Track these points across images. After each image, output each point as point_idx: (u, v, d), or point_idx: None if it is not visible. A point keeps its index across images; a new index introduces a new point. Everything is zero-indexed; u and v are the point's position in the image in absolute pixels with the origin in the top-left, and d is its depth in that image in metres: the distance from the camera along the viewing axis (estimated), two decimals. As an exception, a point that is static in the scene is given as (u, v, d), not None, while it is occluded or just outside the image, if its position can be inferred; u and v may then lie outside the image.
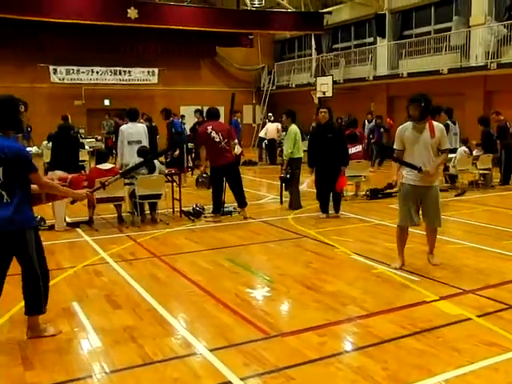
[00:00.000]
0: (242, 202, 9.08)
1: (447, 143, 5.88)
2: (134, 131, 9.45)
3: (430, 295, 5.05)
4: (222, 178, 8.91)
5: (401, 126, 5.88)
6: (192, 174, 13.89)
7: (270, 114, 22.11)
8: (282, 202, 10.15)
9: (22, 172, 3.83)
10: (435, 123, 5.79)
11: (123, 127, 9.76)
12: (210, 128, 8.76)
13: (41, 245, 4.13)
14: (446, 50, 19.09)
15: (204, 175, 9.23)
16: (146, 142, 9.47)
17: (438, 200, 5.92)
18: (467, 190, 11.58)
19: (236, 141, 9.23)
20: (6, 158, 3.76)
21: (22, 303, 4.94)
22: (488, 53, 17.46)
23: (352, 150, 10.88)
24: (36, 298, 4.06)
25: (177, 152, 12.32)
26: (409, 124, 5.80)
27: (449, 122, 12.42)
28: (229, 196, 9.08)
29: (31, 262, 3.99)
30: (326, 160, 8.79)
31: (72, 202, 4.28)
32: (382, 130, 17.20)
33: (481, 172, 11.96)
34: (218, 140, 8.66)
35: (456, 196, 10.98)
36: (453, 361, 3.72)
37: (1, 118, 3.87)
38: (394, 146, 5.90)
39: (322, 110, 9.15)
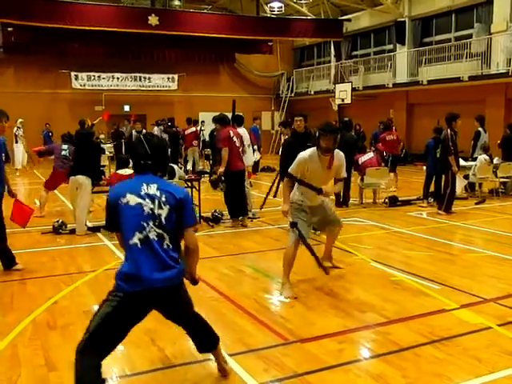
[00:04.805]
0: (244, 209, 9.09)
1: (344, 172, 5.61)
2: (242, 136, 9.46)
3: (450, 303, 5.02)
4: (238, 182, 8.88)
5: (304, 154, 5.41)
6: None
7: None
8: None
9: (182, 218, 3.14)
10: (336, 152, 5.41)
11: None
12: (232, 132, 8.89)
13: None
14: (466, 58, 18.99)
15: (222, 178, 8.97)
16: (251, 145, 10.16)
17: (330, 206, 5.94)
18: (487, 198, 11.49)
19: (256, 147, 9.26)
20: (173, 198, 3.10)
21: (45, 306, 5.04)
22: (509, 60, 17.35)
23: (363, 159, 10.90)
24: (209, 335, 3.56)
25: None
26: (314, 153, 5.36)
27: (480, 129, 12.38)
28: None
29: (192, 307, 3.45)
30: None
31: (192, 280, 3.46)
32: None
33: (501, 180, 11.85)
34: (238, 145, 8.83)
35: (476, 204, 10.90)
36: (473, 370, 3.70)
37: (165, 162, 3.32)
38: (291, 171, 5.45)
39: (297, 118, 8.07)
